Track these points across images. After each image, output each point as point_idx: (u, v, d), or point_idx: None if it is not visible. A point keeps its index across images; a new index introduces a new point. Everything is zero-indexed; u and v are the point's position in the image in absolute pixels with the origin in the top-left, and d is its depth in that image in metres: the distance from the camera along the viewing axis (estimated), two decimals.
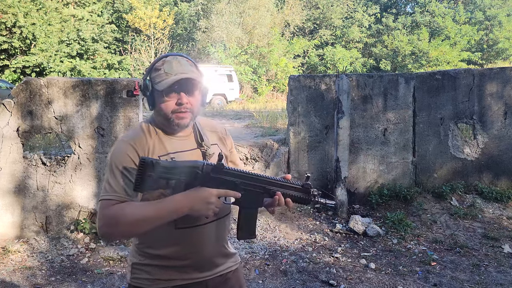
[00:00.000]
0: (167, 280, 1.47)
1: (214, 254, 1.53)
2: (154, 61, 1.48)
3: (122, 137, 1.49)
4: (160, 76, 1.42)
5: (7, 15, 19.78)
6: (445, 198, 5.29)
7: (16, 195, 4.31)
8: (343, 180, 5.04)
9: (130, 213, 1.33)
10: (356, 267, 3.93)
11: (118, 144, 1.45)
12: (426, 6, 29.33)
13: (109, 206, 1.35)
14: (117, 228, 1.34)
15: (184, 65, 1.45)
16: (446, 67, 23.00)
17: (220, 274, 1.55)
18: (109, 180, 1.39)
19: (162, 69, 1.43)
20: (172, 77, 1.41)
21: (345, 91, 4.99)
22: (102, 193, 1.39)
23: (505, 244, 4.35)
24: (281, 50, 24.58)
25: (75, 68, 21.19)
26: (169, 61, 1.45)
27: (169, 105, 1.43)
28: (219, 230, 1.54)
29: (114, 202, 1.36)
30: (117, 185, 1.37)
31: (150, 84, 1.45)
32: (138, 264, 1.50)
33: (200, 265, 1.50)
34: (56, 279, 3.68)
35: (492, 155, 5.60)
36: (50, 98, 4.33)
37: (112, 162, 1.41)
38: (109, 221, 1.35)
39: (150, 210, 1.34)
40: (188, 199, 1.33)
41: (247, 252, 4.22)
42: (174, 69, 1.42)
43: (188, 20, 26.07)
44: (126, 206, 1.35)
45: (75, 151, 4.41)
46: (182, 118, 1.44)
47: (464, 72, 5.61)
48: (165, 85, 1.40)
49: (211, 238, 1.51)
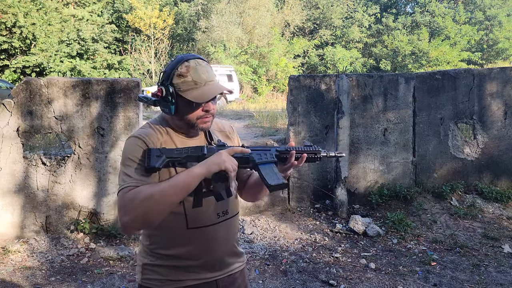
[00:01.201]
0: (178, 280, 1.47)
1: (225, 253, 1.54)
2: (172, 65, 1.44)
3: (133, 133, 1.47)
4: (188, 84, 1.40)
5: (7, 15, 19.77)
6: (445, 198, 5.29)
7: (16, 195, 4.31)
8: (343, 180, 5.04)
9: (147, 191, 1.31)
10: (356, 267, 3.93)
11: (130, 140, 1.44)
12: (426, 6, 29.32)
13: (126, 193, 1.33)
14: (136, 211, 1.29)
15: (208, 71, 1.44)
16: (446, 67, 23.00)
17: (229, 274, 1.56)
18: (124, 172, 1.38)
19: (189, 77, 1.40)
20: (203, 87, 1.41)
21: (345, 91, 4.99)
22: (119, 187, 1.38)
23: (505, 244, 4.35)
24: (281, 50, 24.57)
25: (75, 68, 21.18)
26: (194, 67, 1.42)
27: (196, 113, 1.44)
28: (229, 229, 1.55)
29: (130, 188, 1.34)
30: (132, 174, 1.36)
31: (174, 91, 1.41)
32: (149, 265, 1.50)
33: (211, 265, 1.50)
34: (56, 279, 3.68)
35: (492, 155, 5.60)
36: (50, 98, 4.33)
37: (126, 155, 1.40)
38: (128, 205, 1.31)
39: (167, 184, 1.33)
40: (202, 164, 1.35)
41: (247, 252, 4.22)
42: (202, 77, 1.41)
43: (188, 20, 26.05)
44: (141, 187, 1.33)
45: (75, 151, 4.41)
46: (206, 123, 1.47)
47: (464, 72, 5.61)
48: (202, 99, 1.40)
49: (222, 238, 1.52)
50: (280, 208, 5.12)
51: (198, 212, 1.43)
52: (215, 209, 1.49)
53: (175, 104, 1.42)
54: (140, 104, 4.62)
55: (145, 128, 1.49)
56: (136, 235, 4.45)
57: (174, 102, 1.42)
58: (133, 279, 3.70)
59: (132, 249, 4.25)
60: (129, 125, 4.50)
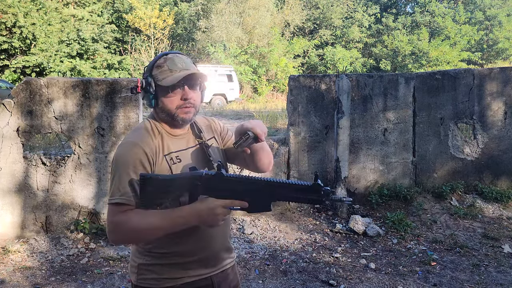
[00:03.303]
0: (174, 278, 1.48)
1: (220, 248, 1.56)
2: (154, 59, 1.50)
3: (129, 139, 1.47)
4: (164, 72, 1.45)
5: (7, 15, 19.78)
6: (445, 198, 5.29)
7: (16, 195, 4.31)
8: (343, 180, 5.04)
9: (137, 223, 1.34)
10: (356, 267, 3.93)
11: (126, 146, 1.44)
12: (426, 6, 29.33)
13: (117, 213, 1.36)
14: (124, 236, 1.38)
15: (186, 61, 1.48)
16: (446, 67, 23.00)
17: (223, 270, 1.58)
18: (117, 183, 1.38)
19: (165, 66, 1.45)
20: (177, 73, 1.43)
21: (345, 91, 4.99)
22: (110, 196, 1.39)
23: (505, 244, 4.35)
24: (281, 50, 24.58)
25: (75, 68, 21.19)
26: (171, 58, 1.47)
27: (174, 100, 1.45)
28: (224, 224, 1.56)
29: (123, 207, 1.36)
30: (125, 188, 1.37)
31: (152, 81, 1.45)
32: (144, 265, 1.50)
33: (207, 261, 1.52)
34: (56, 279, 3.68)
35: (492, 155, 5.60)
36: (50, 98, 4.33)
37: (121, 164, 1.40)
38: (116, 228, 1.37)
39: (157, 221, 1.34)
40: (195, 211, 1.34)
41: (247, 252, 4.22)
42: (178, 66, 1.45)
43: (188, 20, 26.06)
44: (133, 215, 1.35)
45: (75, 151, 4.41)
46: (186, 113, 1.47)
47: (464, 72, 5.61)
48: (172, 81, 1.42)
49: (219, 233, 1.53)
50: (280, 208, 5.12)
51: None
52: None
53: (155, 96, 1.46)
54: (140, 104, 4.62)
55: (140, 130, 1.49)
56: None
57: (153, 93, 1.46)
58: None
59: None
60: (129, 125, 4.50)
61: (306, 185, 1.32)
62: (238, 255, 4.13)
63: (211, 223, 1.35)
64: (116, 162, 1.42)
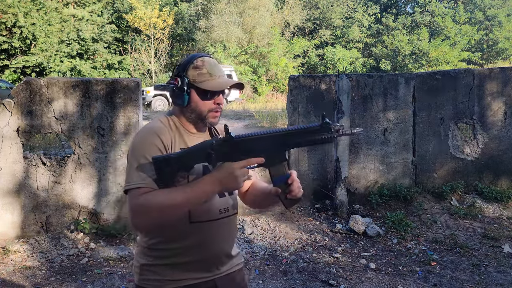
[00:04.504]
0: (176, 280, 1.47)
1: (223, 251, 1.55)
2: (187, 59, 1.51)
3: (146, 128, 1.49)
4: (203, 75, 1.47)
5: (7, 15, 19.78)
6: (445, 198, 5.29)
7: (16, 195, 4.31)
8: (343, 180, 5.04)
9: (159, 201, 1.34)
10: (356, 267, 3.93)
11: (144, 134, 1.46)
12: (426, 6, 29.33)
13: (137, 196, 1.35)
14: (148, 217, 1.34)
15: (220, 68, 1.52)
16: (446, 67, 23.00)
17: (227, 273, 1.56)
18: (135, 169, 1.39)
19: (204, 69, 1.48)
20: (218, 79, 1.48)
21: (345, 91, 4.99)
22: (128, 183, 1.39)
23: (505, 244, 4.35)
24: (281, 50, 24.57)
25: (75, 68, 21.19)
26: (209, 61, 1.50)
27: (208, 104, 1.49)
28: (229, 227, 1.56)
29: (143, 190, 1.36)
30: (143, 175, 1.38)
31: (188, 81, 1.47)
32: (147, 265, 1.50)
33: (210, 263, 1.51)
34: (56, 279, 3.68)
35: (492, 155, 5.60)
36: (50, 98, 4.33)
37: (138, 151, 1.41)
38: (139, 210, 1.34)
39: (179, 197, 1.34)
40: (215, 178, 1.35)
41: (247, 252, 4.22)
42: (216, 71, 1.49)
43: (188, 20, 26.04)
44: (155, 193, 1.35)
45: (75, 151, 4.41)
46: (215, 117, 1.52)
47: (464, 72, 5.61)
48: (216, 87, 1.47)
49: (222, 235, 1.53)
50: (280, 208, 5.12)
51: (201, 207, 1.43)
52: (218, 205, 1.50)
53: (188, 94, 1.48)
54: (140, 104, 4.62)
55: (156, 122, 1.51)
56: (136, 236, 4.46)
57: (188, 92, 1.47)
58: (133, 279, 3.70)
59: (132, 249, 4.25)
60: (129, 125, 4.50)
61: (315, 126, 1.33)
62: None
63: (233, 186, 1.36)
64: (132, 149, 1.43)
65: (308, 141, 1.35)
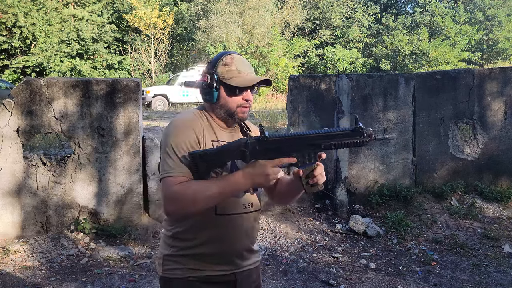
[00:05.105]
0: (199, 269, 1.51)
1: (245, 246, 1.58)
2: (217, 57, 1.55)
3: (179, 118, 1.54)
4: (231, 72, 1.51)
5: (7, 15, 19.78)
6: (445, 198, 5.29)
7: (16, 195, 4.31)
8: (343, 180, 5.04)
9: (194, 191, 1.38)
10: (356, 267, 3.93)
11: (177, 124, 1.50)
12: (426, 6, 29.30)
13: (173, 184, 1.40)
14: (181, 204, 1.39)
15: (249, 66, 1.56)
16: (446, 67, 22.99)
17: (247, 269, 1.60)
18: (169, 159, 1.43)
19: (233, 66, 1.51)
20: (246, 76, 1.51)
21: (345, 91, 4.99)
22: (163, 172, 1.43)
23: (505, 244, 4.35)
24: (281, 50, 24.56)
25: (75, 68, 21.19)
26: (238, 59, 1.54)
27: (237, 100, 1.52)
28: (252, 222, 1.59)
29: (179, 179, 1.40)
30: (178, 164, 1.42)
31: (218, 78, 1.50)
32: (170, 256, 1.54)
33: (231, 256, 1.54)
34: (56, 279, 3.68)
35: (492, 155, 5.60)
36: (50, 98, 4.33)
37: (172, 142, 1.44)
38: (174, 197, 1.39)
39: (213, 188, 1.39)
40: (247, 174, 1.39)
41: None
42: (245, 68, 1.53)
43: (188, 20, 26.05)
44: (189, 183, 1.40)
45: (75, 151, 4.41)
46: (244, 113, 1.54)
47: (464, 72, 5.61)
48: (244, 83, 1.50)
49: (245, 230, 1.56)
50: (280, 208, 5.11)
51: (227, 200, 1.47)
52: (242, 200, 1.53)
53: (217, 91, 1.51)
54: (140, 104, 4.62)
55: (189, 113, 1.56)
56: (136, 236, 4.46)
57: (217, 89, 1.50)
58: (133, 279, 3.71)
59: (132, 249, 4.25)
60: (129, 125, 4.50)
61: (349, 130, 1.38)
62: None
63: (264, 183, 1.40)
64: (167, 138, 1.46)
65: (340, 144, 1.39)
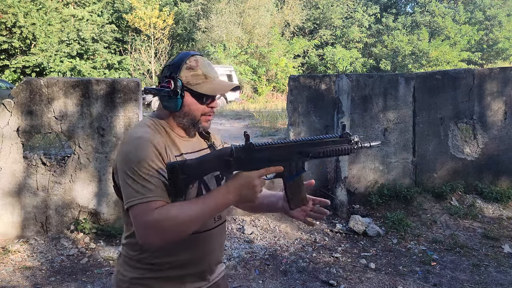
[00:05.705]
0: None
1: (216, 260, 1.50)
2: (179, 58, 1.39)
3: (136, 134, 1.34)
4: (199, 77, 1.37)
5: (7, 15, 19.79)
6: (445, 198, 5.29)
7: (16, 195, 4.31)
8: (343, 180, 5.04)
9: (175, 216, 1.22)
10: (356, 267, 3.93)
11: (136, 141, 1.30)
12: (426, 6, 29.31)
13: (149, 211, 1.22)
14: (164, 234, 1.22)
15: (213, 69, 1.43)
16: (446, 67, 23.00)
17: (215, 282, 1.51)
18: (135, 184, 1.24)
19: (199, 70, 1.38)
20: (213, 82, 1.39)
21: (345, 91, 4.99)
22: (132, 199, 1.24)
23: (505, 244, 4.35)
24: (281, 50, 24.57)
25: (75, 68, 21.20)
26: (202, 62, 1.40)
27: (202, 108, 1.40)
28: (222, 235, 1.51)
29: (154, 204, 1.23)
30: (149, 188, 1.24)
31: (182, 83, 1.36)
32: (137, 279, 1.38)
33: (202, 273, 1.45)
34: (56, 279, 3.68)
35: (492, 155, 5.60)
36: (50, 98, 4.33)
37: (134, 164, 1.26)
38: (155, 227, 1.21)
39: (196, 209, 1.25)
40: (232, 188, 1.27)
41: (247, 252, 4.22)
42: (212, 73, 1.40)
43: (188, 20, 26.05)
44: (170, 208, 1.24)
45: (75, 151, 4.42)
46: (208, 121, 1.44)
47: (464, 72, 5.61)
48: (214, 91, 1.38)
49: (219, 244, 1.49)
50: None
51: None
52: None
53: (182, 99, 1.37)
54: (140, 104, 4.62)
55: (144, 127, 1.37)
56: None
57: (182, 96, 1.36)
58: None
59: None
60: (129, 125, 4.50)
61: (336, 137, 1.33)
62: (238, 255, 4.13)
63: (251, 196, 1.28)
64: (128, 160, 1.27)
65: (329, 152, 1.33)
